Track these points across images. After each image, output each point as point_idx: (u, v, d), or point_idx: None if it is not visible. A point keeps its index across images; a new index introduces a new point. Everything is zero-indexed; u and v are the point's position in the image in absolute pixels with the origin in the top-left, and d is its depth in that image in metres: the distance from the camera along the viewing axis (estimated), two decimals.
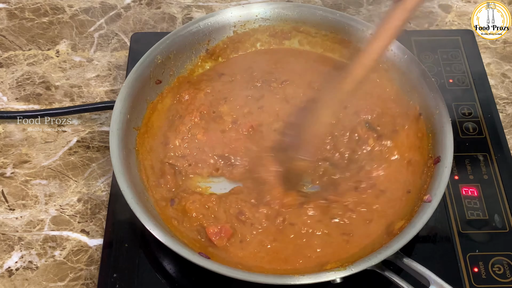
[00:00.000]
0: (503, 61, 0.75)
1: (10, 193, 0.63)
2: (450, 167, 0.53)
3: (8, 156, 0.66)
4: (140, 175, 0.56)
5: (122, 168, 0.53)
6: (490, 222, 0.59)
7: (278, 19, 0.67)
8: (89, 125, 0.69)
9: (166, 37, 0.64)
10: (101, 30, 0.79)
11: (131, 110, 0.58)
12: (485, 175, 0.62)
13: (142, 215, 0.50)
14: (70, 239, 0.60)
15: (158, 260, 0.56)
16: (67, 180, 0.64)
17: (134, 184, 0.53)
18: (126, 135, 0.57)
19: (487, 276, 0.55)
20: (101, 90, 0.72)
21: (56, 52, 0.77)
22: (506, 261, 0.56)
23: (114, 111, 0.57)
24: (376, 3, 0.85)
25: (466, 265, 0.56)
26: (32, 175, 0.64)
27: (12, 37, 0.78)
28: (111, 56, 0.76)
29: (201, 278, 0.55)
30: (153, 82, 0.62)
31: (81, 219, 0.61)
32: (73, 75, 0.74)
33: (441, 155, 0.54)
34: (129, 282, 0.54)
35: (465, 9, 0.82)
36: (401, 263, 0.50)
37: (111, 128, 0.56)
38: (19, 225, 0.60)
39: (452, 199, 0.60)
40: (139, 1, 0.83)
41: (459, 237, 0.58)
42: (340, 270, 0.47)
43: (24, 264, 0.58)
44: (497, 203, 0.60)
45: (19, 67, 0.74)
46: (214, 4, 0.83)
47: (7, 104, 0.71)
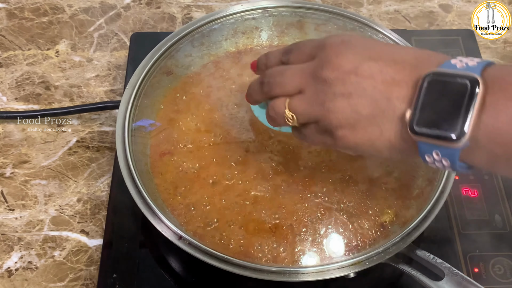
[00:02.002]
0: (504, 61, 0.75)
1: (10, 193, 0.63)
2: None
3: (8, 156, 0.66)
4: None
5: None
6: (490, 222, 0.59)
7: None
8: (89, 125, 0.69)
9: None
10: (100, 30, 0.79)
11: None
12: (485, 175, 0.62)
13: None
14: (69, 239, 0.60)
15: (158, 260, 0.56)
16: (67, 180, 0.64)
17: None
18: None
19: (488, 277, 0.55)
20: (101, 90, 0.72)
21: (56, 52, 0.76)
22: (507, 261, 0.56)
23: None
24: (376, 3, 0.84)
25: (466, 266, 0.56)
26: (31, 175, 0.64)
27: (12, 37, 0.78)
28: (111, 56, 0.76)
29: (201, 278, 0.55)
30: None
31: (80, 219, 0.61)
32: (72, 75, 0.74)
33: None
34: (129, 282, 0.54)
35: (465, 9, 0.82)
36: (415, 255, 0.50)
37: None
38: (19, 225, 0.60)
39: (453, 199, 0.60)
40: (139, 1, 0.83)
41: (460, 237, 0.58)
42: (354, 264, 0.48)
43: (23, 264, 0.58)
44: (498, 204, 0.60)
45: (18, 67, 0.74)
46: (214, 4, 0.83)
47: (6, 104, 0.71)
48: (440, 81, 0.39)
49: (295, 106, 0.46)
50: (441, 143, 0.38)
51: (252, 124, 0.60)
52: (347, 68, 0.43)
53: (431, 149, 0.39)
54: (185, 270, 0.56)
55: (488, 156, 0.38)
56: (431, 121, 0.38)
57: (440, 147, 0.39)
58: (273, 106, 0.47)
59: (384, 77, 0.41)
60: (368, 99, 0.42)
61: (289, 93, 0.46)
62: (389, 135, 0.41)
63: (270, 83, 0.48)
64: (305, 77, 0.45)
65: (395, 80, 0.41)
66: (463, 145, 0.38)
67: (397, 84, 0.41)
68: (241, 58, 0.66)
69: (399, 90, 0.41)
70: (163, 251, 0.57)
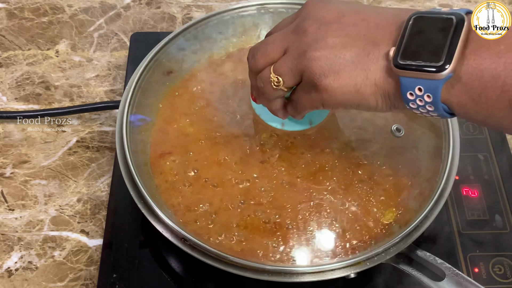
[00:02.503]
0: None
1: (10, 193, 0.63)
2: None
3: (8, 156, 0.66)
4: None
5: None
6: (490, 222, 0.59)
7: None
8: (89, 125, 0.69)
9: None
10: (100, 30, 0.79)
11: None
12: (485, 175, 0.62)
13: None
14: (69, 239, 0.60)
15: (158, 260, 0.56)
16: (67, 180, 0.64)
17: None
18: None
19: (488, 277, 0.55)
20: (101, 90, 0.72)
21: (56, 52, 0.76)
22: (507, 261, 0.56)
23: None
24: (376, 3, 0.84)
25: (466, 266, 0.56)
26: (31, 175, 0.64)
27: (12, 37, 0.78)
28: (111, 56, 0.76)
29: (201, 278, 0.55)
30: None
31: (80, 219, 0.61)
32: (72, 75, 0.74)
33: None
34: (129, 282, 0.54)
35: None
36: (415, 255, 0.50)
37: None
38: (19, 225, 0.60)
39: (453, 199, 0.60)
40: (139, 1, 0.83)
41: (460, 237, 0.58)
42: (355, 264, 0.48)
43: (23, 264, 0.58)
44: (498, 204, 0.60)
45: (18, 67, 0.74)
46: (214, 4, 0.83)
47: (6, 104, 0.71)
48: (425, 17, 0.39)
49: (279, 67, 0.45)
50: (424, 75, 0.38)
51: (253, 123, 0.60)
52: (329, 18, 0.42)
53: (414, 85, 0.39)
54: (185, 270, 0.56)
55: (468, 95, 0.38)
56: (415, 53, 0.39)
57: (423, 80, 0.39)
58: (260, 77, 0.46)
59: (368, 24, 0.42)
60: (352, 44, 0.41)
61: (274, 59, 0.45)
62: (374, 77, 0.41)
63: (254, 56, 0.47)
64: (286, 36, 0.44)
65: (378, 26, 0.41)
66: (446, 77, 0.38)
67: (381, 28, 0.41)
68: (241, 57, 0.66)
69: (383, 34, 0.41)
70: (163, 251, 0.57)
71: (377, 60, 0.41)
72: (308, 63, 0.42)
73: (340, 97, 0.43)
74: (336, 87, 0.42)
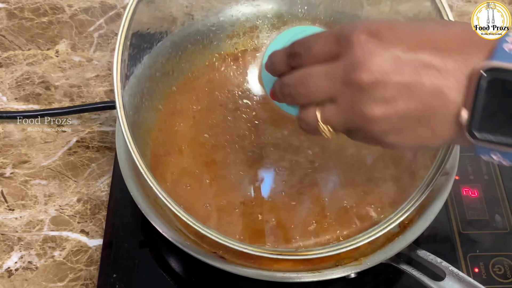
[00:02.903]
0: None
1: (10, 193, 0.63)
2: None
3: (8, 156, 0.66)
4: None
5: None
6: (490, 222, 0.59)
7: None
8: (89, 125, 0.69)
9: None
10: (100, 30, 0.79)
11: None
12: (485, 175, 0.62)
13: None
14: (69, 239, 0.60)
15: (158, 260, 0.56)
16: (67, 180, 0.64)
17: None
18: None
19: (488, 277, 0.55)
20: (101, 90, 0.72)
21: (56, 52, 0.76)
22: (507, 261, 0.56)
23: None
24: (376, 3, 0.84)
25: (466, 266, 0.56)
26: (31, 175, 0.64)
27: (12, 37, 0.78)
28: (111, 56, 0.76)
29: (201, 278, 0.55)
30: None
31: (80, 219, 0.61)
32: (72, 75, 0.74)
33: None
34: (129, 282, 0.54)
35: (465, 9, 0.82)
36: (415, 255, 0.50)
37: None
38: (19, 225, 0.60)
39: (453, 199, 0.60)
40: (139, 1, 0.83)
41: (460, 237, 0.58)
42: (355, 265, 0.47)
43: (23, 264, 0.58)
44: (498, 204, 0.60)
45: (18, 67, 0.74)
46: (214, 4, 0.83)
47: (6, 104, 0.71)
48: (500, 80, 0.34)
49: (329, 118, 0.40)
50: (505, 149, 0.35)
51: (253, 124, 0.60)
52: (385, 68, 0.36)
53: (490, 151, 0.36)
54: (185, 270, 0.56)
55: None
56: (492, 126, 0.35)
57: (503, 152, 0.36)
58: (304, 118, 0.41)
59: (430, 72, 0.36)
60: (415, 100, 0.36)
61: (316, 102, 0.40)
62: (442, 135, 0.37)
63: (292, 94, 0.41)
64: (333, 83, 0.38)
65: (442, 73, 0.36)
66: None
67: (445, 78, 0.35)
68: (242, 58, 0.66)
69: (449, 86, 0.35)
70: (163, 251, 0.57)
71: (445, 119, 0.36)
72: (366, 124, 0.38)
73: (401, 148, 0.41)
74: (399, 143, 0.39)
